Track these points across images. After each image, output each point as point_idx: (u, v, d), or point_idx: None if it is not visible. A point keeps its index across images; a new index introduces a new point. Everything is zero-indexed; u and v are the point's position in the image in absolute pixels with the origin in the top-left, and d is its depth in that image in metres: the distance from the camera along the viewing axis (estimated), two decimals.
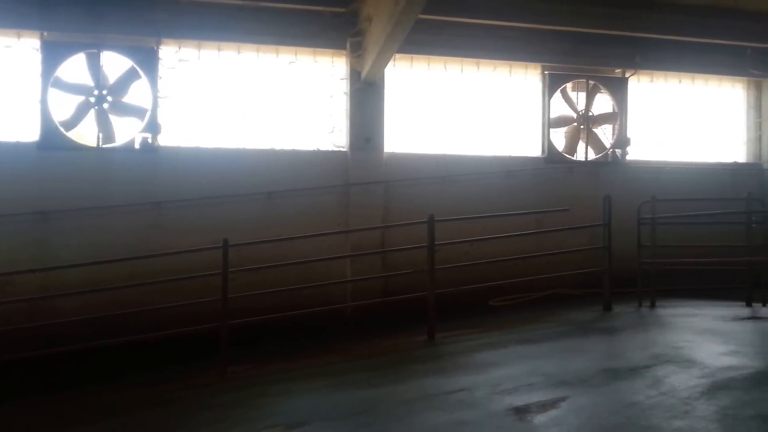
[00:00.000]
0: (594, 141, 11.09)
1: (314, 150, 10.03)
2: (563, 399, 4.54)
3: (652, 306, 8.32)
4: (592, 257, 8.78)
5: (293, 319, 7.80)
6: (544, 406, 4.41)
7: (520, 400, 4.59)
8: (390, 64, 9.82)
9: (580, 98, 11.07)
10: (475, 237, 8.62)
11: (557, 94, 10.91)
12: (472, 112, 10.78)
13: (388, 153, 10.14)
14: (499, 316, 8.55)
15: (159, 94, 9.30)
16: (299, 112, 10.08)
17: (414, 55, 10.37)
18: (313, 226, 8.99)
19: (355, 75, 9.86)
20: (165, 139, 9.37)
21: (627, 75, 11.14)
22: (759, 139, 12.05)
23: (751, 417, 3.95)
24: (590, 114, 11.05)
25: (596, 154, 11.08)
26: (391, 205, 9.98)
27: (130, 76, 9.21)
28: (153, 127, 9.22)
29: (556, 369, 5.39)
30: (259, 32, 9.59)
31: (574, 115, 11.04)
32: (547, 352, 6.15)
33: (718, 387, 4.59)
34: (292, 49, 9.95)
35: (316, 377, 6.26)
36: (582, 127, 11.04)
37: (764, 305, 8.17)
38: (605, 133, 11.18)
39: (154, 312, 7.50)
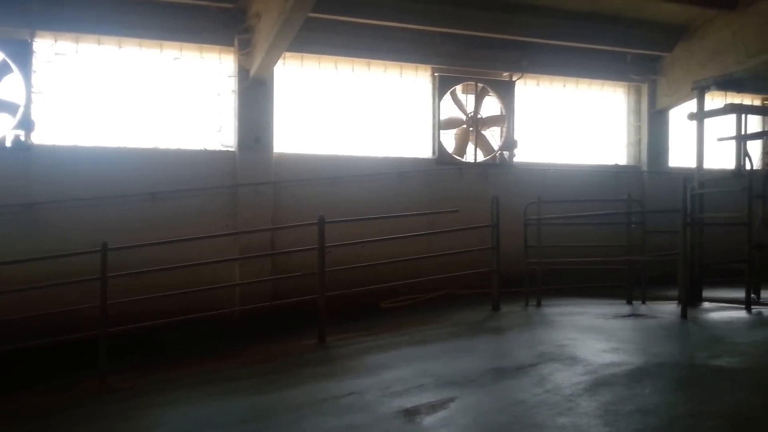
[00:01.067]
0: (483, 143, 11.31)
1: (201, 149, 9.62)
2: (452, 399, 4.51)
3: (539, 305, 8.55)
4: (481, 258, 8.92)
5: (179, 325, 7.45)
6: (433, 407, 4.36)
7: (410, 401, 4.52)
8: (280, 63, 9.57)
9: (469, 100, 11.26)
10: (366, 238, 8.52)
11: (447, 96, 11.04)
12: (363, 113, 10.72)
13: (278, 153, 9.88)
14: (391, 318, 8.51)
15: (33, 89, 8.62)
16: (185, 110, 9.63)
17: (304, 54, 10.17)
18: (200, 228, 8.62)
19: (243, 73, 9.54)
20: (40, 137, 8.70)
21: (514, 78, 11.45)
22: (639, 143, 12.73)
23: (631, 412, 4.06)
24: (479, 116, 11.26)
25: (485, 155, 11.31)
26: (281, 207, 9.73)
27: (0, 70, 8.49)
28: (26, 124, 8.55)
29: (446, 369, 5.38)
30: (142, 26, 9.09)
31: (464, 117, 11.22)
32: (437, 353, 6.14)
33: (600, 383, 4.70)
34: (177, 44, 9.50)
35: (203, 385, 5.97)
36: (471, 129, 11.23)
37: (643, 303, 8.59)
38: (494, 135, 11.43)
39: (29, 320, 6.87)
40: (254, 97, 9.61)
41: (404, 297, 9.49)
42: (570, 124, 12.22)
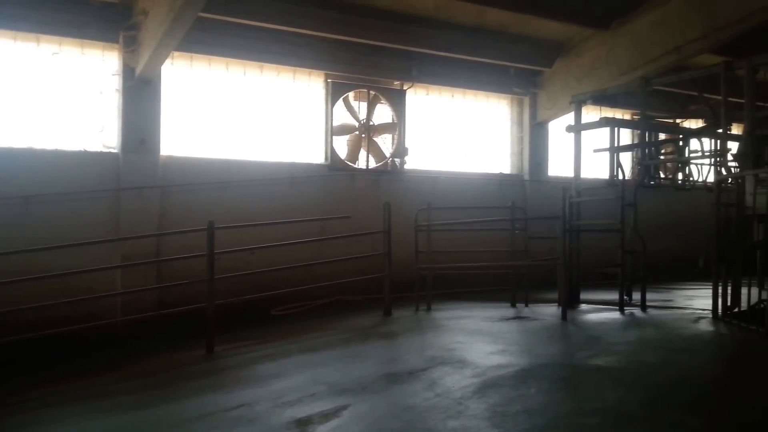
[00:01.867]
0: (375, 150, 11.42)
1: (81, 150, 9.08)
2: (345, 407, 4.47)
3: (429, 309, 8.71)
4: (373, 263, 8.98)
5: (55, 337, 6.94)
6: (326, 416, 4.31)
7: (302, 411, 4.44)
8: (168, 62, 9.23)
9: (362, 107, 11.33)
10: (258, 245, 8.34)
11: (340, 103, 11.06)
12: (255, 117, 10.53)
13: (166, 156, 9.50)
14: (282, 326, 8.37)
15: None
16: (64, 109, 9.06)
17: (194, 54, 9.86)
18: (79, 234, 8.12)
19: (128, 71, 9.11)
20: None
21: (405, 87, 11.64)
22: (521, 153, 13.31)
23: (518, 412, 4.19)
24: (371, 123, 11.36)
25: (377, 162, 11.42)
26: (168, 212, 9.35)
27: None
28: None
29: (339, 377, 5.34)
30: (17, 18, 8.50)
31: (356, 124, 11.28)
32: (329, 360, 6.08)
33: (488, 385, 4.83)
34: (56, 38, 8.95)
35: (81, 401, 5.62)
36: (363, 135, 11.31)
37: (526, 305, 8.96)
38: (385, 143, 11.56)
39: None
40: (140, 97, 9.19)
41: (296, 304, 9.38)
42: (458, 133, 12.59)
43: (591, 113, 13.13)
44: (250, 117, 10.47)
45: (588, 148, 10.09)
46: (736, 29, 9.38)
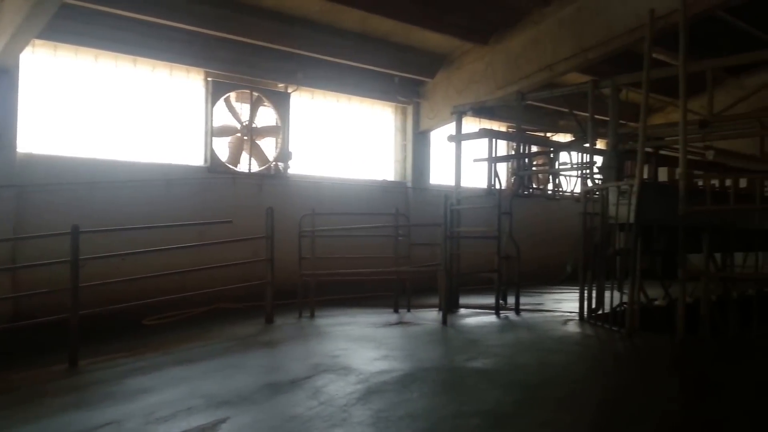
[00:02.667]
0: (257, 153, 11.15)
1: None
2: (224, 420, 4.27)
3: (312, 317, 8.59)
4: (255, 270, 8.73)
5: None
6: (203, 431, 4.09)
7: (177, 426, 4.19)
8: (28, 50, 8.51)
9: (244, 109, 11.03)
10: (130, 250, 7.85)
11: (221, 103, 10.71)
12: (128, 114, 9.94)
13: (24, 153, 8.75)
14: (156, 336, 7.92)
15: None
16: None
17: (59, 44, 9.17)
18: None
19: None
20: None
21: (290, 90, 11.47)
22: (404, 161, 13.49)
23: (402, 417, 4.19)
24: (254, 126, 11.08)
25: (260, 166, 11.15)
26: (27, 215, 8.60)
27: None
28: None
29: (217, 388, 5.10)
30: None
31: (238, 126, 10.96)
32: (207, 372, 5.81)
33: (372, 391, 4.80)
34: None
35: None
36: (246, 138, 11.01)
37: (408, 311, 9.05)
38: (269, 146, 11.32)
39: None
40: None
41: (171, 313, 8.92)
42: (343, 139, 12.58)
43: (471, 124, 13.56)
44: (122, 114, 9.88)
45: (468, 158, 10.40)
46: (602, 50, 10.03)
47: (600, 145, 9.64)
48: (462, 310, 9.25)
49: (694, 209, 6.64)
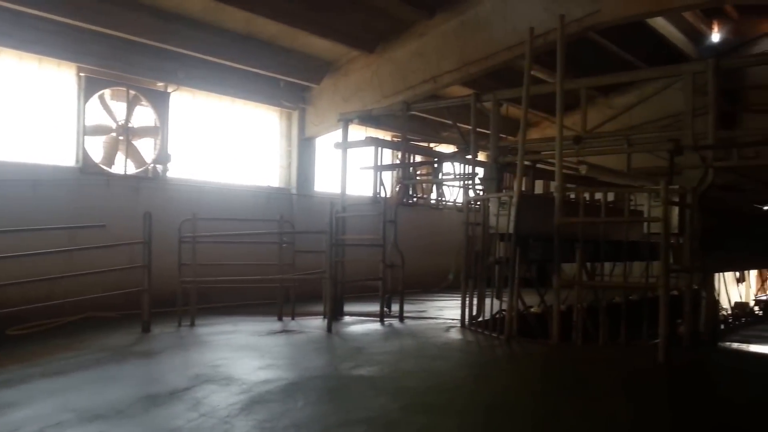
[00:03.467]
0: (134, 154, 10.61)
1: None
2: None
3: (193, 325, 8.28)
4: (132, 277, 8.29)
5: None
6: None
7: None
8: None
9: (120, 108, 10.46)
10: None
11: (95, 100, 10.08)
12: None
13: None
14: (21, 347, 7.28)
15: None
16: None
17: None
18: None
19: None
20: None
21: (170, 90, 11.01)
22: (289, 167, 13.31)
23: (286, 427, 4.13)
24: (130, 125, 10.53)
25: (136, 168, 10.62)
26: None
27: None
28: None
29: (90, 402, 4.79)
30: None
31: (114, 125, 10.37)
32: (79, 384, 5.44)
33: (255, 401, 4.70)
34: None
35: None
36: (122, 138, 10.45)
37: (293, 319, 8.94)
38: (147, 147, 10.81)
39: None
40: None
41: (40, 322, 8.26)
42: (227, 143, 12.23)
43: (358, 131, 13.66)
44: None
45: (354, 166, 10.45)
46: (484, 65, 10.47)
47: (481, 156, 10.01)
48: (347, 318, 9.27)
49: (568, 221, 7.05)
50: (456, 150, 12.00)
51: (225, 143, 12.21)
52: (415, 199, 11.19)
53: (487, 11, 10.36)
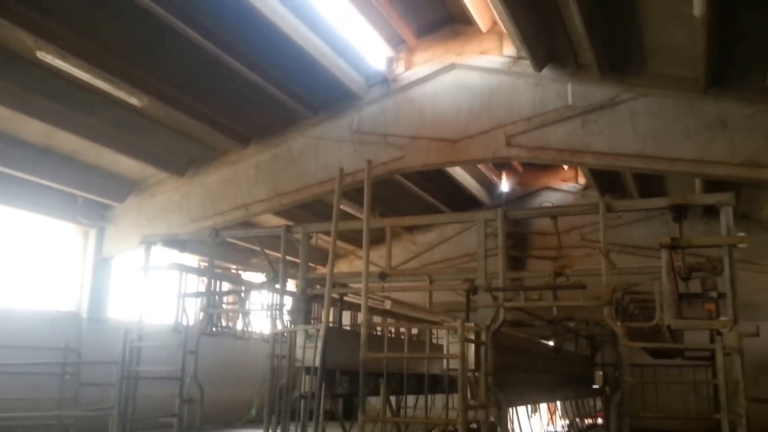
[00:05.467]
0: None
1: None
2: None
3: None
4: None
5: None
6: None
7: None
8: None
9: None
10: None
11: None
12: None
13: None
14: None
15: None
16: None
17: None
18: None
19: None
20: None
21: None
22: (81, 288, 12.15)
23: None
24: None
25: None
26: None
27: None
28: None
29: None
30: None
31: None
32: None
33: None
34: None
35: None
36: None
37: None
38: None
39: None
40: None
41: None
42: (9, 259, 10.98)
43: (163, 253, 13.01)
44: None
45: (157, 289, 9.87)
46: (296, 198, 10.73)
47: (291, 285, 9.99)
48: None
49: (373, 356, 7.12)
50: (265, 279, 11.87)
51: (7, 259, 10.95)
52: (219, 328, 10.72)
53: (300, 147, 10.79)
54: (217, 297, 10.47)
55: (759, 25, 7.50)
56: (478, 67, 9.96)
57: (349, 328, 10.23)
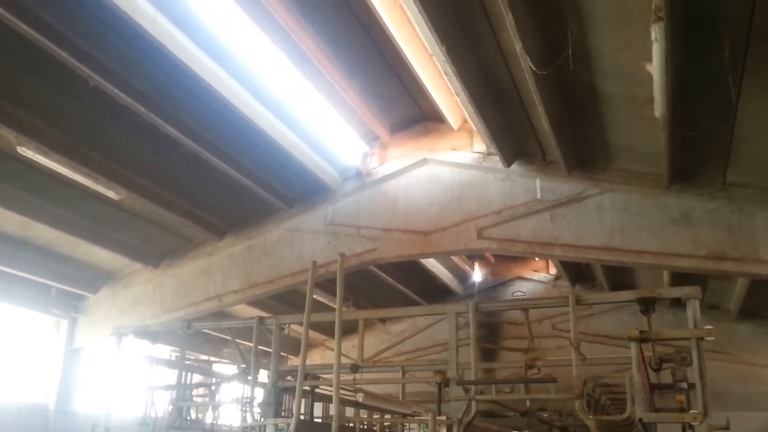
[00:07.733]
0: None
1: None
2: None
3: None
4: None
5: None
6: None
7: None
8: None
9: None
10: None
11: None
12: None
13: None
14: None
15: None
16: None
17: None
18: None
19: None
20: None
21: None
22: (50, 379, 11.82)
23: None
24: None
25: None
26: None
27: None
28: None
29: None
30: None
31: None
32: None
33: None
34: None
35: None
36: None
37: None
38: None
39: None
40: None
41: None
42: None
43: (135, 344, 12.77)
44: None
45: (127, 381, 9.66)
46: (269, 288, 10.77)
47: (263, 376, 9.82)
48: None
49: None
50: (237, 370, 11.66)
51: None
52: (189, 421, 10.38)
53: (274, 239, 10.92)
54: (187, 390, 10.24)
55: (720, 125, 7.84)
56: (450, 162, 10.30)
57: (321, 420, 10.01)
